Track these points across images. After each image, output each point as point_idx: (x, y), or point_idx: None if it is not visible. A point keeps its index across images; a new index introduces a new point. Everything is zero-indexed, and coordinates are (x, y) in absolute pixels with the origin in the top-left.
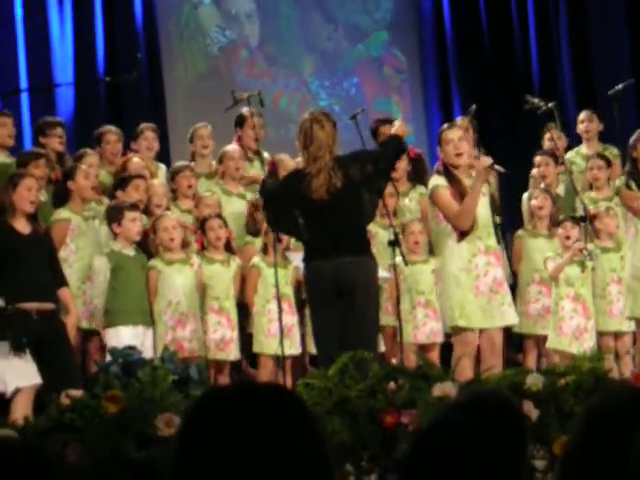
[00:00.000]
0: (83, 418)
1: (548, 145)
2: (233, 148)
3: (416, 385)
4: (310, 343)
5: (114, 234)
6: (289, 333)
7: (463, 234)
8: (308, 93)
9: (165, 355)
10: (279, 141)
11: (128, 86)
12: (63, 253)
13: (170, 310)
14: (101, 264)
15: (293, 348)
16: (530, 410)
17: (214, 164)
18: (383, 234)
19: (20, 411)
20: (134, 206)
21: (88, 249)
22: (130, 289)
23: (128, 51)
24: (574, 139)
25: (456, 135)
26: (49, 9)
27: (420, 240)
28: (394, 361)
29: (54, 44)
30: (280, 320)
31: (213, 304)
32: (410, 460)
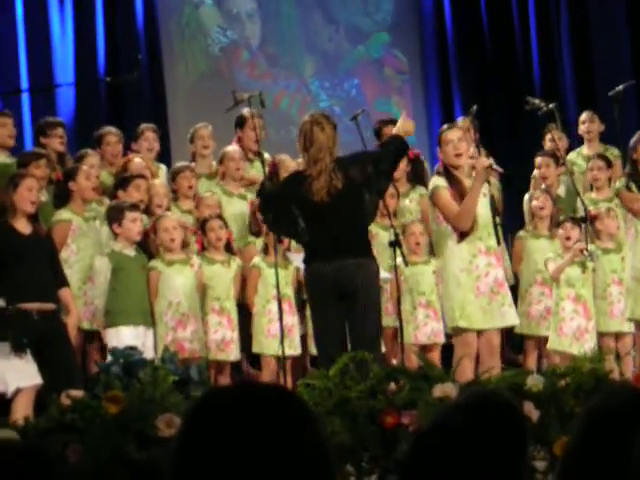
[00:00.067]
0: (84, 418)
1: (549, 146)
2: (233, 149)
3: (416, 386)
4: (311, 344)
5: (114, 234)
6: (289, 334)
7: (463, 235)
8: (308, 94)
9: (165, 356)
10: (280, 142)
11: (129, 86)
12: (64, 254)
13: (171, 311)
14: (102, 264)
15: (292, 349)
16: (531, 411)
17: (214, 164)
18: (383, 235)
19: (21, 411)
20: (134, 206)
21: (89, 250)
22: (131, 289)
23: (129, 51)
24: (575, 140)
25: (455, 136)
26: (50, 9)
27: (421, 241)
28: (394, 362)
29: (55, 44)
30: (281, 320)
31: (214, 305)
32: (410, 461)
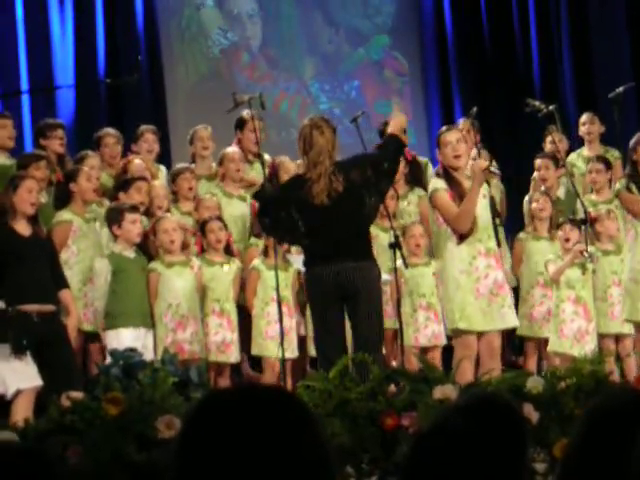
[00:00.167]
0: (83, 420)
1: (549, 148)
2: (233, 150)
3: (417, 388)
4: (310, 345)
5: (114, 236)
6: (286, 336)
7: (463, 237)
8: (309, 96)
9: (165, 357)
10: (280, 144)
11: (129, 88)
12: (64, 255)
13: (170, 312)
14: (102, 266)
15: (289, 351)
16: (530, 413)
17: (214, 166)
18: (383, 236)
19: (21, 413)
20: (134, 208)
21: (89, 251)
22: (131, 291)
23: (129, 53)
24: (575, 141)
25: (454, 137)
26: (50, 10)
27: (421, 243)
28: (394, 364)
29: (55, 46)
30: (281, 323)
31: (214, 306)
32: (410, 463)
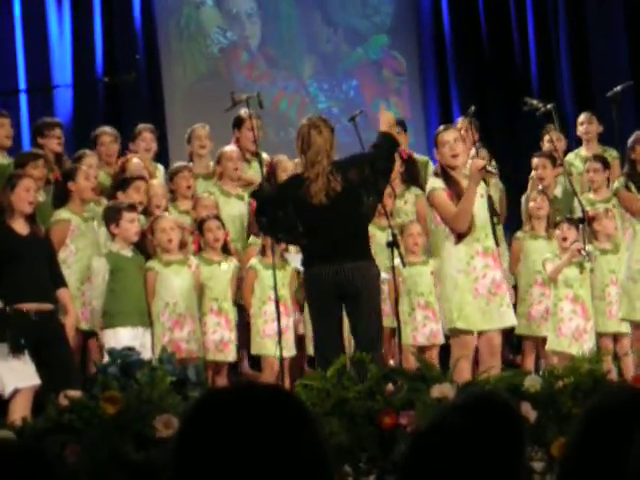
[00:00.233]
0: (81, 419)
1: (547, 146)
2: (231, 149)
3: (414, 386)
4: (309, 344)
5: (112, 235)
6: (283, 335)
7: (461, 236)
8: (307, 95)
9: (163, 356)
10: (278, 143)
11: (126, 87)
12: (62, 254)
13: (168, 311)
14: (99, 265)
15: (286, 350)
16: (528, 412)
17: (212, 165)
18: (381, 235)
19: (19, 412)
20: (132, 207)
21: (87, 250)
22: (128, 290)
23: (127, 52)
24: (573, 141)
25: (452, 137)
26: (48, 10)
27: (419, 241)
28: (392, 362)
29: (53, 45)
30: (278, 322)
31: (212, 305)
32: (408, 461)
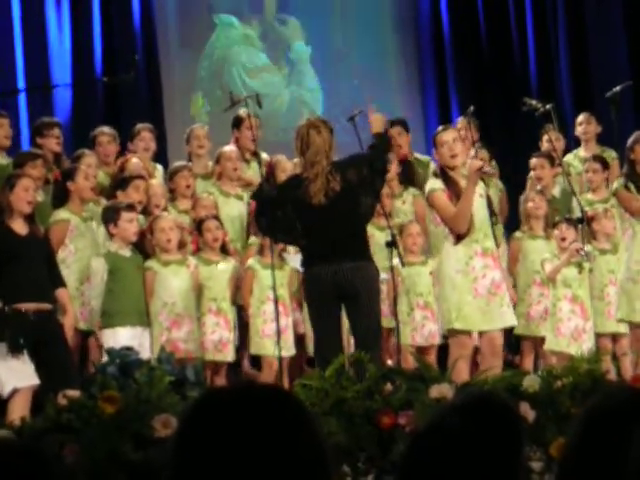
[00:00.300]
0: (80, 419)
1: (546, 146)
2: (230, 149)
3: (413, 386)
4: (309, 344)
5: (110, 235)
6: (282, 334)
7: (460, 237)
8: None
9: (162, 356)
10: (277, 143)
11: (126, 86)
12: (62, 254)
13: (165, 311)
14: (98, 265)
15: (285, 349)
16: (527, 412)
17: (210, 165)
18: (380, 235)
19: (17, 412)
20: (130, 207)
21: (86, 250)
22: (127, 290)
23: (126, 52)
24: (572, 141)
25: (450, 137)
26: (47, 9)
27: (418, 241)
28: (390, 362)
29: (52, 44)
30: (277, 321)
31: (211, 305)
32: (407, 461)
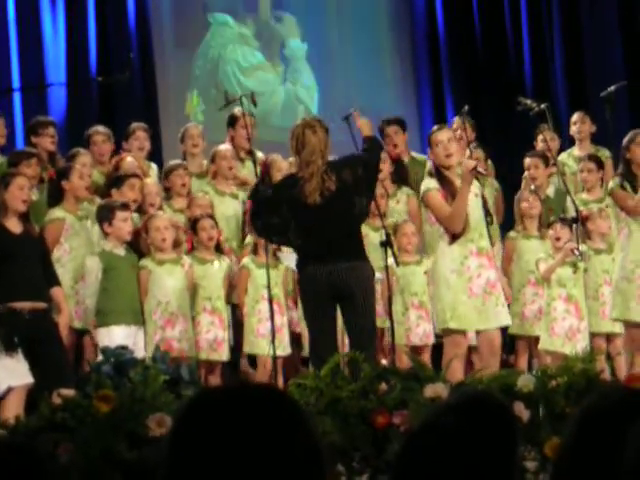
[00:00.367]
0: (74, 418)
1: (541, 146)
2: (225, 147)
3: (408, 386)
4: (305, 343)
5: (105, 234)
6: (278, 334)
7: (455, 237)
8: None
9: (157, 355)
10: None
11: (120, 86)
12: (57, 253)
13: (160, 310)
14: (93, 264)
15: (281, 349)
16: (521, 411)
17: (205, 164)
18: (374, 235)
19: (12, 410)
20: (125, 206)
21: (81, 249)
22: (122, 289)
23: (121, 51)
24: (566, 140)
25: (445, 136)
26: (41, 9)
27: (413, 241)
28: (384, 362)
29: (46, 44)
30: (272, 320)
31: (205, 304)
32: (401, 461)
